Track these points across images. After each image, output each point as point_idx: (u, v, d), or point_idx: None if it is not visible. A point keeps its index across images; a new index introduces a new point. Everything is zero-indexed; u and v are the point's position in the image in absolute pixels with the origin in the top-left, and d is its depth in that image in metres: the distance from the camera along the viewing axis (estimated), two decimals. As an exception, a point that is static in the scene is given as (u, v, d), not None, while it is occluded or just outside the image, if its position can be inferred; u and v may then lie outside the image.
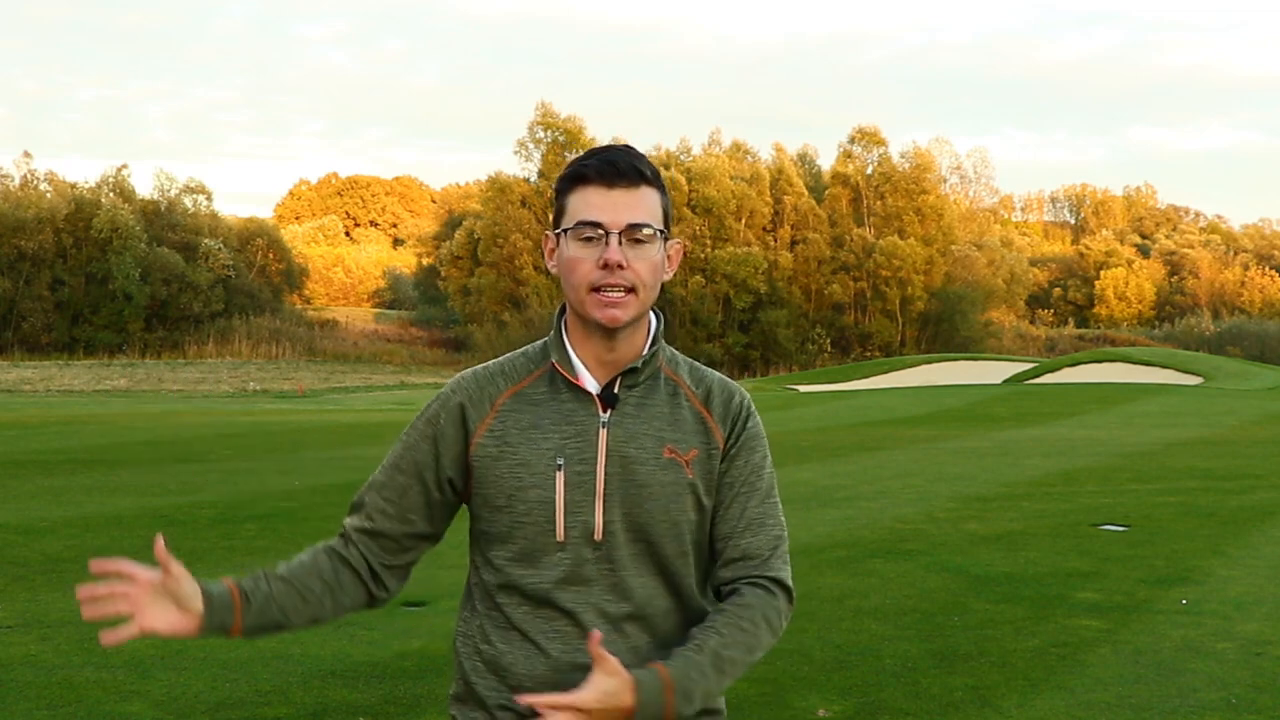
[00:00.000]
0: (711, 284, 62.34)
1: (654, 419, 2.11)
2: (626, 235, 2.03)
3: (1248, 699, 5.55)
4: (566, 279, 2.08)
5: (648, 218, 2.05)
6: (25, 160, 67.98)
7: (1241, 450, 17.33)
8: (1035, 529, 10.27)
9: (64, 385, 43.71)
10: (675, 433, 2.11)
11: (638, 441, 2.09)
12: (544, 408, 2.10)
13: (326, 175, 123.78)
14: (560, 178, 2.11)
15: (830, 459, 15.86)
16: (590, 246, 2.04)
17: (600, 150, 2.08)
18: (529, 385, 2.12)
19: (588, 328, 2.08)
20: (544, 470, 2.06)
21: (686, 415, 2.13)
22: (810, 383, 44.55)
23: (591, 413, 2.09)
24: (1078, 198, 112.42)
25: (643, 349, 2.12)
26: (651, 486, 2.08)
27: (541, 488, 2.05)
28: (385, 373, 56.05)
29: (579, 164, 2.08)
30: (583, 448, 2.07)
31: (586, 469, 2.06)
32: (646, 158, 2.09)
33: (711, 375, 2.20)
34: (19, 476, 13.67)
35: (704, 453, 2.12)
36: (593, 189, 2.05)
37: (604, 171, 2.05)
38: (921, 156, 69.42)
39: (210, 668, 5.99)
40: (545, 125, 65.94)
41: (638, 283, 2.04)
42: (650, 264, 2.06)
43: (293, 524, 10.53)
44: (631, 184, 2.05)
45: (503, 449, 2.09)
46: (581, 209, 2.05)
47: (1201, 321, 73.03)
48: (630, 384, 2.11)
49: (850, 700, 5.55)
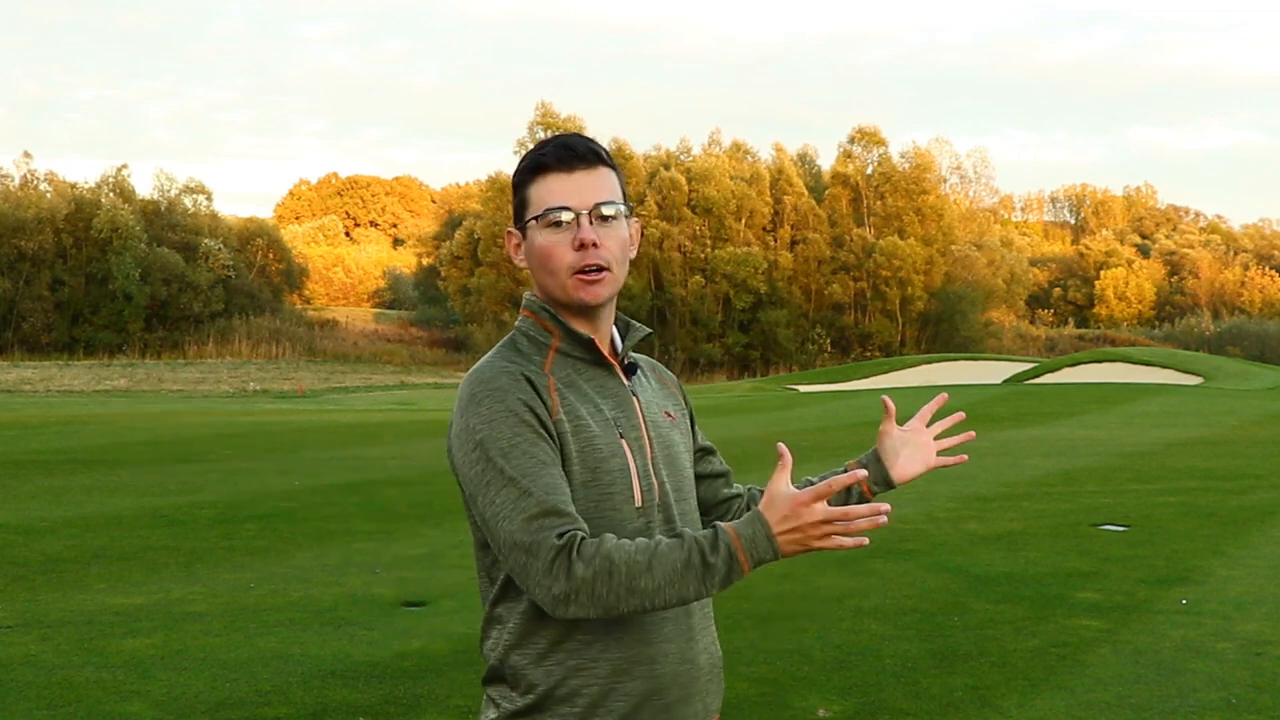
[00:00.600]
0: (711, 284, 62.33)
1: (649, 387, 2.24)
2: (594, 215, 2.07)
3: (1248, 699, 5.55)
4: (543, 266, 2.09)
5: (611, 195, 2.09)
6: (25, 160, 68.12)
7: (1241, 450, 17.32)
8: (1035, 529, 10.27)
9: (64, 385, 43.69)
10: (664, 399, 2.26)
11: (653, 408, 2.20)
12: (582, 385, 2.10)
13: (326, 175, 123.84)
14: (517, 171, 2.13)
15: (830, 459, 15.84)
16: (561, 231, 2.06)
17: (552, 139, 2.11)
18: (553, 365, 2.11)
19: (570, 310, 2.11)
20: (612, 440, 2.08)
21: (662, 383, 2.31)
22: (810, 383, 44.54)
23: (619, 383, 2.16)
24: (1078, 198, 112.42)
25: (612, 327, 2.20)
26: (677, 446, 2.20)
27: (618, 455, 2.07)
28: (385, 373, 56.03)
29: (535, 154, 2.10)
30: (628, 415, 2.12)
31: (637, 435, 2.12)
32: (598, 141, 2.13)
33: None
34: (19, 476, 13.67)
35: (682, 416, 2.29)
36: (553, 175, 2.07)
37: (562, 157, 2.08)
38: (921, 156, 69.40)
39: (210, 668, 5.99)
40: (545, 125, 65.90)
41: (611, 260, 2.08)
42: (619, 240, 2.10)
43: (293, 524, 10.53)
44: (590, 165, 2.08)
45: (576, 423, 2.05)
46: (546, 196, 2.07)
47: (1201, 321, 73.02)
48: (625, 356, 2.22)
49: (850, 700, 5.55)
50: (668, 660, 2.06)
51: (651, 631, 2.05)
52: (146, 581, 8.06)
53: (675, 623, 2.08)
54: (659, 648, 2.05)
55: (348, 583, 8.03)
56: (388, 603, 7.44)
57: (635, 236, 2.18)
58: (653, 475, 2.11)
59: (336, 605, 7.38)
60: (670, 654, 2.07)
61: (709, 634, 2.18)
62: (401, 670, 5.98)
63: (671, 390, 2.31)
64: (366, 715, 5.33)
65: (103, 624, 6.86)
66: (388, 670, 5.99)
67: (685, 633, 2.10)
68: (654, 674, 2.05)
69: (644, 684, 2.04)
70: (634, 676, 2.03)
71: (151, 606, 7.32)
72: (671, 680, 2.07)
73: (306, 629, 6.78)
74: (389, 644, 6.46)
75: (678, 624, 2.08)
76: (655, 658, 2.05)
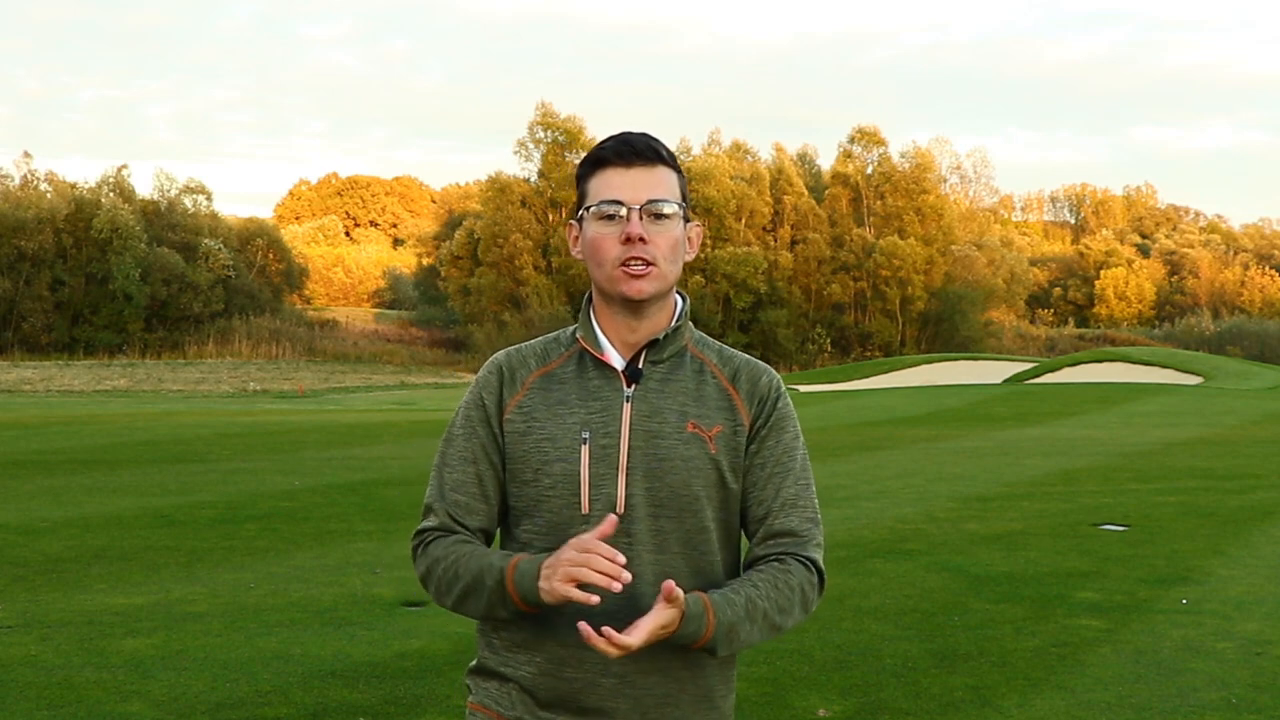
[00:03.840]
0: (711, 284, 62.36)
1: (678, 394, 2.14)
2: (646, 211, 2.09)
3: (1248, 699, 5.55)
4: (592, 258, 2.13)
5: (666, 194, 2.11)
6: (25, 160, 68.04)
7: (1241, 450, 17.32)
8: (1035, 529, 10.26)
9: (64, 385, 43.67)
10: (699, 408, 2.13)
11: (661, 416, 2.11)
12: (570, 385, 2.15)
13: (326, 175, 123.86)
14: (580, 164, 2.17)
15: (830, 459, 15.85)
16: (612, 224, 2.10)
17: (617, 134, 2.15)
18: (558, 366, 2.17)
19: (613, 306, 2.13)
20: (569, 444, 2.09)
21: (711, 391, 2.15)
22: (810, 383, 44.54)
23: (616, 388, 2.13)
24: (1078, 197, 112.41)
25: (666, 327, 2.16)
26: (673, 460, 2.09)
27: (566, 461, 2.09)
28: (385, 373, 56.00)
29: (597, 148, 2.14)
30: (607, 421, 2.10)
31: (610, 442, 2.09)
32: (662, 142, 2.15)
33: (740, 356, 2.23)
34: (19, 476, 13.67)
35: (729, 429, 2.14)
36: (611, 170, 2.11)
37: (621, 152, 2.11)
38: (921, 156, 69.43)
39: (210, 668, 5.99)
40: (545, 125, 65.94)
41: (659, 257, 2.09)
42: (670, 239, 2.11)
43: (293, 524, 10.53)
44: (649, 163, 2.11)
45: (530, 424, 2.13)
46: (602, 189, 2.11)
47: (1201, 321, 73.01)
48: (655, 359, 2.14)
49: (850, 700, 5.55)
50: (580, 665, 2.09)
51: (564, 633, 2.08)
52: (146, 581, 8.05)
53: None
54: (571, 651, 2.08)
55: (348, 583, 8.03)
56: (388, 603, 7.44)
57: (695, 241, 2.21)
58: (616, 485, 2.08)
59: (337, 605, 7.38)
60: (578, 659, 2.09)
61: (647, 662, 2.08)
62: (401, 670, 5.98)
63: (734, 402, 2.15)
64: (366, 715, 5.33)
65: (103, 624, 6.85)
66: (388, 670, 5.99)
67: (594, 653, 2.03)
68: (561, 675, 2.10)
69: (553, 681, 2.10)
70: (545, 673, 2.11)
71: (152, 606, 7.31)
72: (584, 686, 2.09)
73: (307, 629, 6.78)
74: (389, 644, 6.46)
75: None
76: (566, 660, 2.10)
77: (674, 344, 2.16)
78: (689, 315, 2.21)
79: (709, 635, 2.01)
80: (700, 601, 2.00)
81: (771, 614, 2.07)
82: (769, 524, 2.14)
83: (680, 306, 2.19)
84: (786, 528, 2.14)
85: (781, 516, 2.14)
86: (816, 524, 2.17)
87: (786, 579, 2.10)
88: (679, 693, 2.13)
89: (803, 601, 2.12)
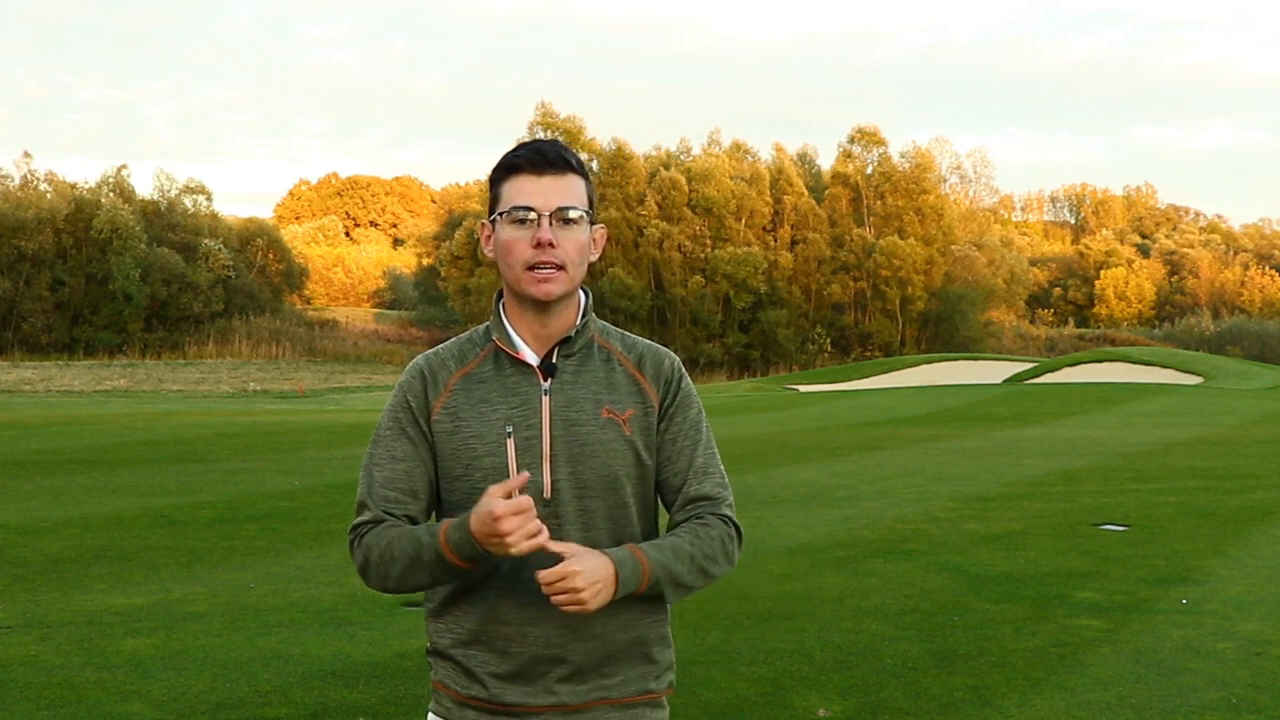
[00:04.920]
0: (711, 284, 62.33)
1: (591, 384, 2.30)
2: (556, 217, 2.24)
3: (1248, 699, 5.55)
4: (503, 259, 2.28)
5: (575, 201, 2.26)
6: (25, 160, 67.98)
7: (1241, 450, 17.33)
8: (1035, 529, 10.27)
9: (64, 385, 43.67)
10: (611, 395, 2.31)
11: (578, 405, 2.28)
12: (491, 384, 2.30)
13: (326, 175, 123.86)
14: (494, 169, 2.30)
15: (830, 459, 15.85)
16: (524, 228, 2.24)
17: (530, 142, 2.29)
18: (476, 366, 2.32)
19: (523, 305, 2.29)
20: (495, 439, 2.25)
21: (620, 379, 2.33)
22: (810, 383, 44.54)
23: (534, 383, 2.29)
24: (1077, 197, 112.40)
25: (574, 323, 2.32)
26: (593, 445, 2.27)
27: (494, 455, 2.25)
28: (385, 373, 55.99)
29: (511, 155, 2.28)
30: (528, 415, 2.27)
31: (533, 434, 2.26)
32: (571, 149, 2.31)
33: (642, 342, 2.40)
34: (19, 476, 13.67)
35: (640, 411, 2.32)
36: (524, 177, 2.26)
37: (534, 160, 2.25)
38: (921, 156, 69.39)
39: (210, 668, 5.99)
40: (545, 125, 65.90)
41: (567, 260, 2.25)
42: (578, 243, 2.26)
43: (293, 524, 10.53)
44: (559, 171, 2.26)
45: (456, 423, 2.28)
46: (514, 195, 2.26)
47: (1201, 321, 73.00)
48: (566, 353, 2.31)
49: (850, 700, 5.55)
50: (513, 638, 2.25)
51: (492, 606, 2.26)
52: (146, 581, 8.06)
53: (516, 603, 2.24)
54: (500, 626, 2.26)
55: (348, 583, 8.02)
56: (388, 603, 7.44)
57: (599, 242, 2.35)
58: (542, 473, 2.24)
59: (337, 605, 7.38)
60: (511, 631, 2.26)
61: (573, 619, 2.23)
62: (401, 670, 5.98)
63: (641, 385, 2.33)
64: (366, 715, 5.33)
65: (103, 624, 6.86)
66: (388, 670, 5.99)
67: (528, 614, 2.23)
68: (493, 644, 2.27)
69: (484, 651, 2.27)
70: (479, 643, 2.28)
71: (152, 606, 7.32)
72: (517, 652, 2.25)
73: (307, 629, 6.78)
74: (389, 644, 6.46)
75: (521, 606, 2.23)
76: (496, 633, 2.26)
77: (583, 337, 2.32)
78: (592, 309, 2.36)
79: (647, 572, 2.18)
80: (629, 551, 2.19)
81: (699, 559, 2.25)
82: (685, 491, 2.33)
83: (584, 302, 2.35)
84: (702, 493, 2.33)
85: (695, 483, 2.33)
86: (727, 488, 2.37)
87: (707, 531, 2.29)
88: (618, 653, 2.28)
89: (724, 551, 2.30)
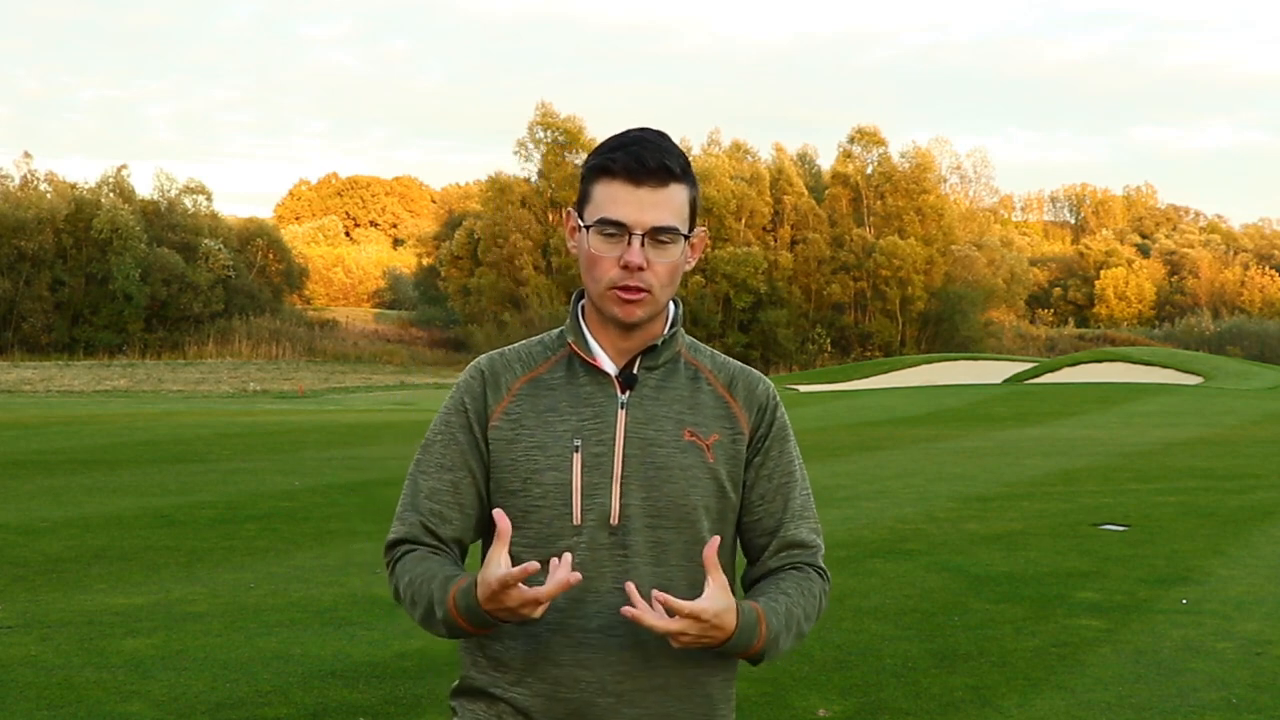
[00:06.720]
0: (711, 284, 62.32)
1: (673, 401, 2.06)
2: (650, 237, 1.99)
3: (1248, 699, 5.55)
4: (587, 271, 2.04)
5: (673, 219, 2.01)
6: (25, 160, 68.10)
7: (1241, 450, 17.32)
8: (1035, 529, 10.26)
9: (64, 386, 43.65)
10: (695, 416, 2.06)
11: (657, 424, 2.04)
12: (561, 391, 2.06)
13: (326, 175, 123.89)
14: (588, 163, 2.04)
15: (830, 459, 15.85)
16: (612, 244, 2.00)
17: (630, 141, 2.00)
18: (545, 371, 2.09)
19: (604, 318, 2.06)
20: (560, 452, 2.01)
21: (707, 399, 2.09)
22: (810, 383, 44.52)
23: (610, 395, 2.05)
24: (1077, 197, 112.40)
25: (660, 335, 2.09)
26: (671, 469, 2.02)
27: (558, 470, 2.00)
28: (385, 373, 55.99)
29: (607, 155, 2.01)
30: (600, 429, 2.02)
31: (604, 450, 2.01)
32: (677, 149, 2.03)
33: (734, 363, 2.17)
34: (19, 476, 13.66)
35: (727, 438, 2.08)
36: (618, 184, 1.99)
37: (631, 169, 1.98)
38: (921, 156, 69.42)
39: (210, 668, 5.99)
40: (545, 125, 65.91)
41: (655, 284, 2.01)
42: (670, 266, 2.02)
43: (293, 524, 10.53)
44: (659, 183, 1.99)
45: (518, 431, 2.04)
46: (606, 205, 1.99)
47: (1201, 321, 73.00)
48: (649, 365, 2.07)
49: (850, 700, 5.55)
50: (576, 686, 2.02)
51: (558, 652, 2.01)
52: (146, 581, 8.05)
53: (570, 641, 2.01)
54: (566, 671, 2.01)
55: (348, 583, 8.03)
56: (388, 603, 7.43)
57: (697, 249, 2.11)
58: (610, 495, 2.00)
59: (337, 605, 7.38)
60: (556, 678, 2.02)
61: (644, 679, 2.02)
62: (401, 670, 5.98)
63: (731, 409, 2.10)
64: (366, 715, 5.33)
65: (103, 624, 6.85)
66: (388, 670, 5.99)
67: (583, 655, 2.01)
68: (557, 696, 2.02)
69: (548, 703, 2.02)
70: (539, 694, 2.03)
71: (152, 606, 7.31)
72: (581, 707, 2.02)
73: (307, 629, 6.78)
74: (389, 644, 6.46)
75: (576, 645, 2.01)
76: (561, 680, 2.02)
77: (668, 350, 2.09)
78: (681, 321, 2.13)
79: (760, 646, 1.97)
80: (754, 611, 1.96)
81: (802, 622, 2.05)
82: (781, 535, 2.10)
83: (674, 313, 2.12)
84: (799, 539, 2.11)
85: (793, 527, 2.11)
86: (820, 534, 2.16)
87: (810, 587, 2.08)
88: (679, 710, 2.07)
89: (819, 611, 2.11)
